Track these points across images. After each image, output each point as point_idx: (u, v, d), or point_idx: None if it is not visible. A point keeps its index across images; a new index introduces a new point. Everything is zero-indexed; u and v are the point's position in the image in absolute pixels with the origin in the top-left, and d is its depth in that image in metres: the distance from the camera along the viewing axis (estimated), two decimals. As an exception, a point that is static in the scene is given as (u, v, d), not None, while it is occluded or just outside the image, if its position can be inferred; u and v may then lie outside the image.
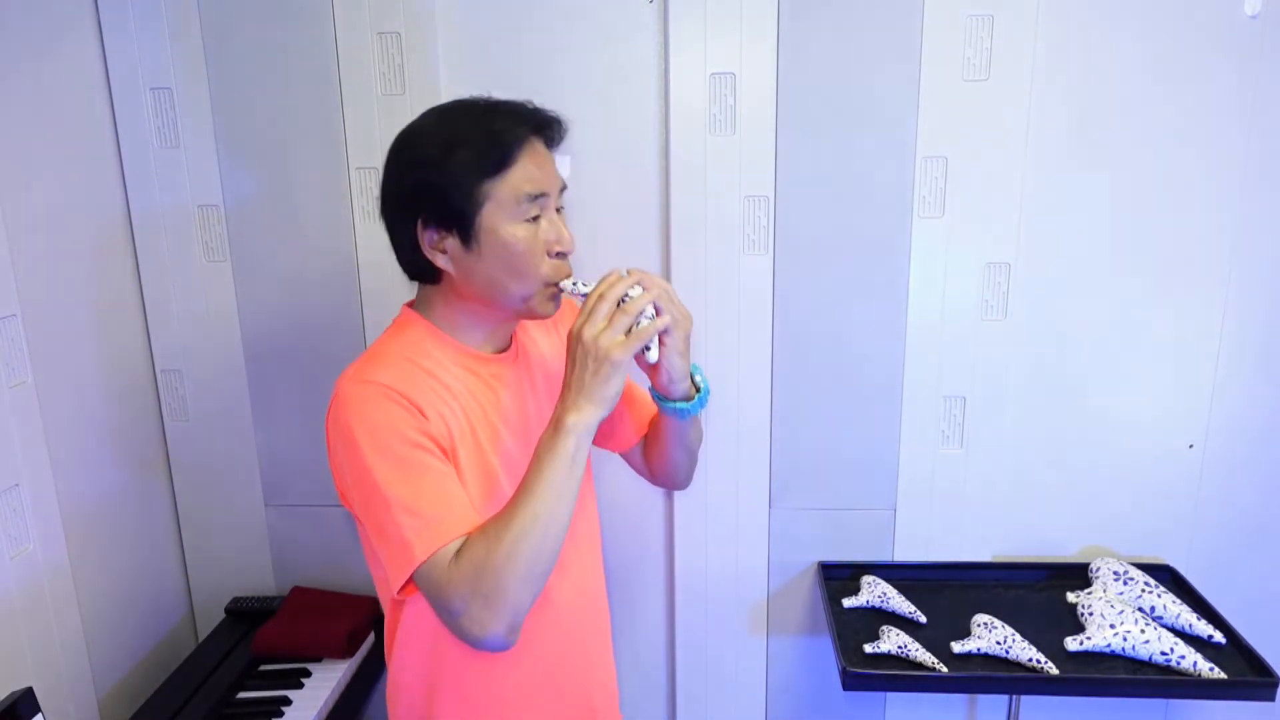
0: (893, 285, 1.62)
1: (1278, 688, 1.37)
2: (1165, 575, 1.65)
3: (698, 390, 1.13)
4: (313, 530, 1.78)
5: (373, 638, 1.69)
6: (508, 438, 1.11)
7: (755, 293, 1.63)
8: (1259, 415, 1.64)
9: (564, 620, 1.15)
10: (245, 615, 1.75)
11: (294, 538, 1.79)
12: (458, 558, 0.96)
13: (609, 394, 0.98)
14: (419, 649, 1.13)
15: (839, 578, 1.71)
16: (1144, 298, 1.61)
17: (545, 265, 1.06)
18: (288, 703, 1.49)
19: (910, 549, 1.73)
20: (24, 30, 1.42)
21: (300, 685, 1.54)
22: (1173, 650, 1.42)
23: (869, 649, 1.48)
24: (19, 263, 1.36)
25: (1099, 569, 1.61)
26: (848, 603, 1.62)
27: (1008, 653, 1.44)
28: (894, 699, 1.80)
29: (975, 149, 1.55)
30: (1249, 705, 1.52)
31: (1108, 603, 1.50)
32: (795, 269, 1.63)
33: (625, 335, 0.98)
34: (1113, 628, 1.45)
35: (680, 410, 1.12)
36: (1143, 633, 1.44)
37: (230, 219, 1.66)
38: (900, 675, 1.44)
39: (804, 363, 1.66)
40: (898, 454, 1.69)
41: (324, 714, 1.49)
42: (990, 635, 1.47)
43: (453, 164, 1.02)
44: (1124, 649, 1.44)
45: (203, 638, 1.73)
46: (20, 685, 1.19)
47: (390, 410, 1.00)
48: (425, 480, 0.99)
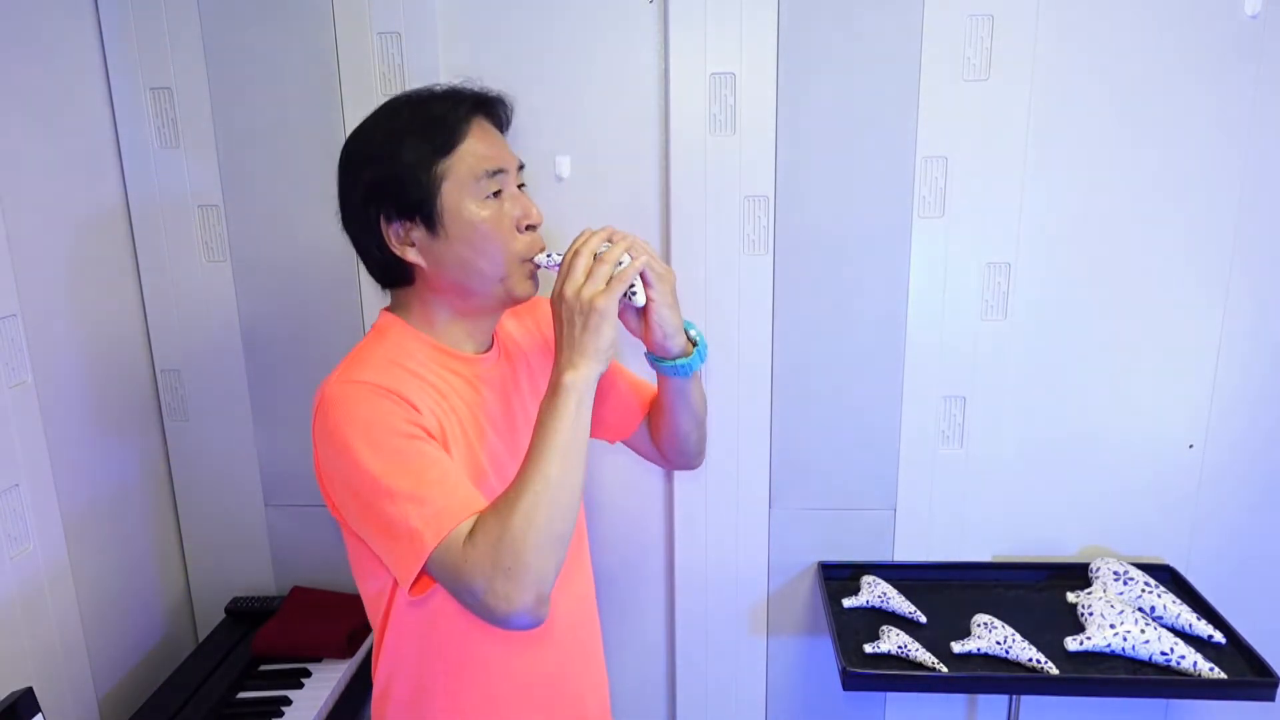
0: (893, 285, 1.62)
1: (1278, 688, 1.37)
2: (1165, 575, 1.65)
3: (694, 345, 1.13)
4: (313, 530, 1.78)
5: (373, 638, 1.69)
6: (494, 437, 1.10)
7: (755, 293, 1.63)
8: (1259, 415, 1.64)
9: (556, 627, 1.13)
10: (245, 615, 1.75)
11: (294, 538, 1.79)
12: (472, 536, 0.92)
13: (602, 345, 0.98)
14: (409, 660, 1.11)
15: (839, 578, 1.71)
16: (1144, 297, 1.61)
17: (516, 241, 1.05)
18: (288, 703, 1.49)
19: (910, 549, 1.73)
20: (24, 30, 1.42)
21: (300, 685, 1.54)
22: (1173, 650, 1.42)
23: (869, 649, 1.48)
24: (19, 263, 1.36)
25: (1099, 569, 1.61)
26: (848, 603, 1.62)
27: (1008, 653, 1.44)
28: (894, 699, 1.80)
29: (975, 149, 1.55)
30: (1249, 705, 1.52)
31: (1108, 603, 1.50)
32: (795, 269, 1.63)
33: (606, 285, 0.98)
34: (1113, 628, 1.45)
35: (680, 366, 1.12)
36: (1143, 633, 1.44)
37: (230, 219, 1.66)
38: (900, 675, 1.44)
39: (804, 363, 1.66)
40: (898, 454, 1.69)
41: (324, 714, 1.49)
42: (990, 635, 1.47)
43: (403, 152, 1.02)
44: (1124, 649, 1.44)
45: (203, 638, 1.73)
46: (20, 685, 1.20)
47: (380, 405, 0.98)
48: (425, 467, 0.96)
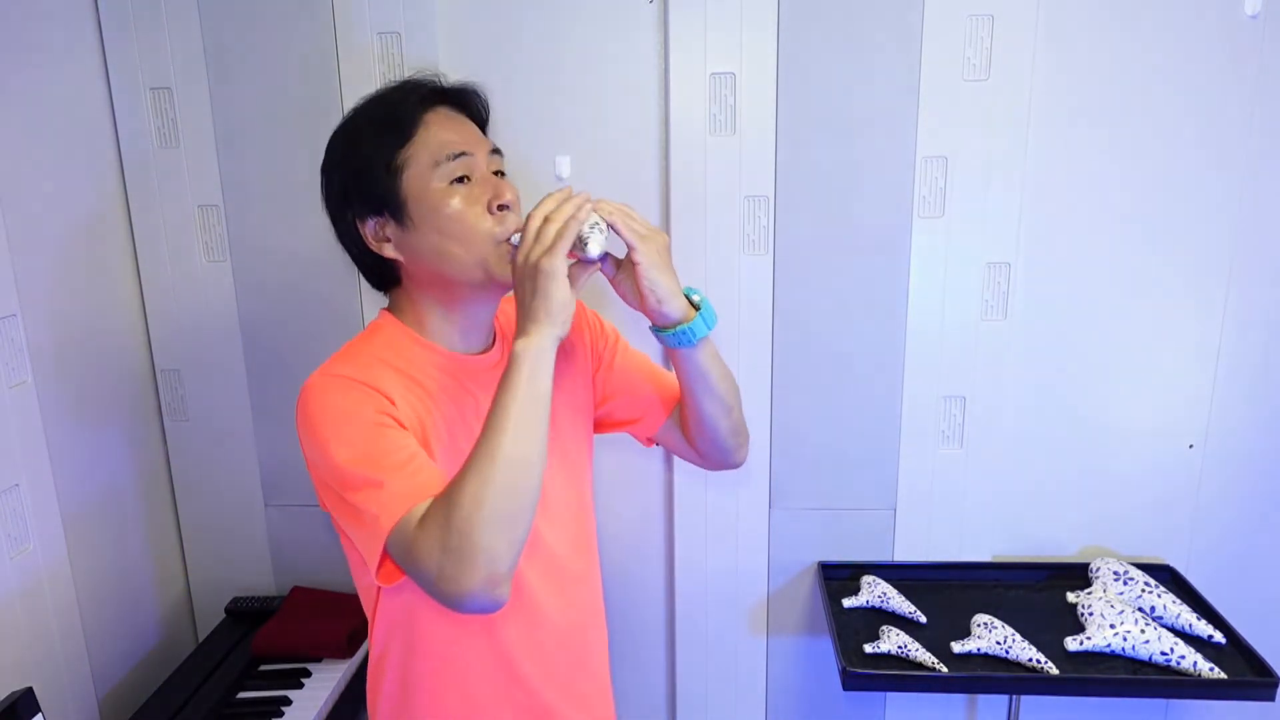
0: (893, 285, 1.62)
1: (1278, 688, 1.37)
2: (1165, 575, 1.65)
3: (697, 310, 1.06)
4: (313, 530, 1.78)
5: (373, 638, 1.70)
6: None
7: (755, 293, 1.63)
8: (1259, 415, 1.64)
9: (547, 632, 1.10)
10: (245, 615, 1.75)
11: (294, 538, 1.79)
12: (423, 518, 0.90)
13: (552, 308, 0.92)
14: (395, 653, 1.10)
15: (839, 578, 1.71)
16: (1144, 297, 1.61)
17: (486, 221, 1.01)
18: (288, 703, 1.49)
19: (910, 549, 1.73)
20: (24, 30, 1.42)
21: (300, 685, 1.54)
22: (1173, 650, 1.42)
23: (869, 649, 1.48)
24: (19, 263, 1.36)
25: (1099, 569, 1.61)
26: (848, 603, 1.62)
27: (1008, 653, 1.44)
28: (894, 699, 1.80)
29: (975, 149, 1.55)
30: (1249, 705, 1.52)
31: (1108, 603, 1.50)
32: (795, 269, 1.63)
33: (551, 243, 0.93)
34: (1113, 628, 1.45)
35: (681, 334, 1.05)
36: (1143, 633, 1.44)
37: (230, 219, 1.66)
38: (900, 675, 1.44)
39: (804, 363, 1.66)
40: (898, 454, 1.69)
41: (324, 714, 1.49)
42: (990, 635, 1.47)
43: (362, 147, 1.03)
44: (1124, 649, 1.44)
45: (203, 638, 1.73)
46: (20, 685, 1.20)
47: (351, 395, 0.98)
48: (387, 452, 0.95)
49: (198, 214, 1.66)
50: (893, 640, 1.48)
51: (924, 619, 1.57)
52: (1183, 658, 1.41)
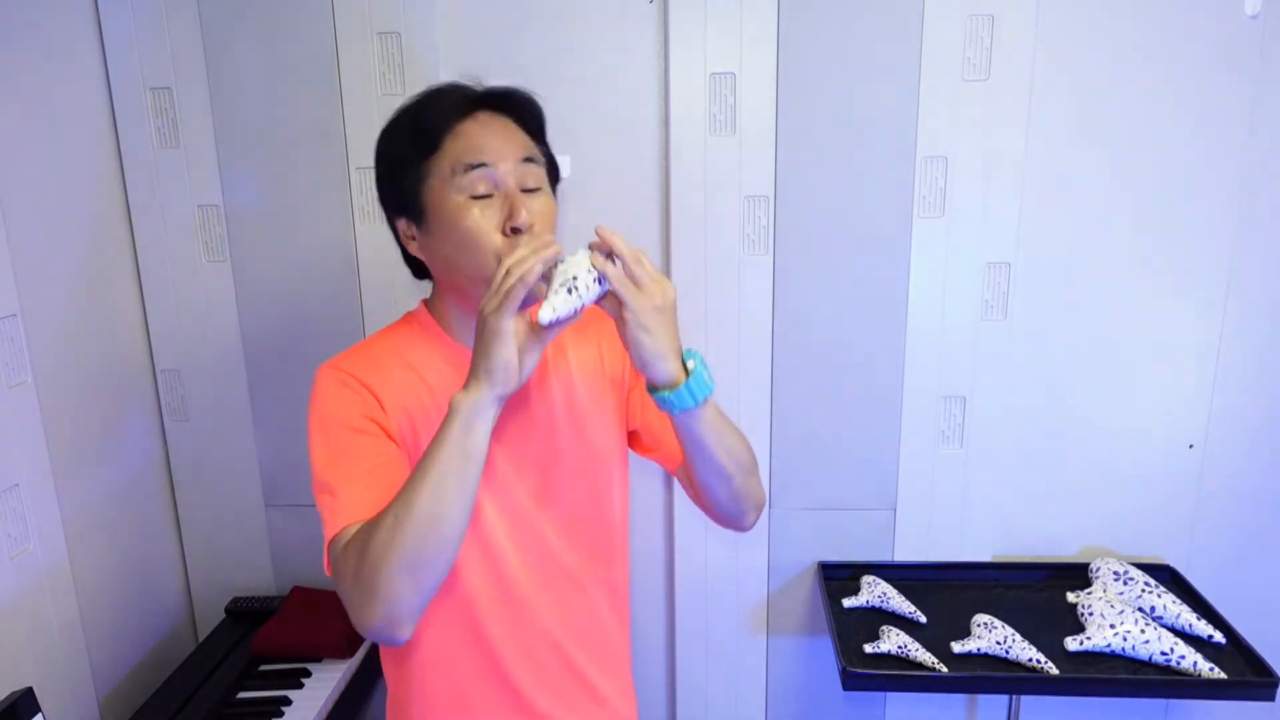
0: (893, 285, 1.62)
1: (1278, 688, 1.37)
2: (1165, 575, 1.65)
3: (688, 375, 0.94)
4: (313, 530, 1.76)
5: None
6: (494, 450, 1.04)
7: (755, 293, 1.63)
8: (1259, 415, 1.64)
9: (537, 644, 1.09)
10: (245, 615, 1.75)
11: (294, 538, 1.79)
12: (350, 541, 0.92)
13: (493, 365, 0.89)
14: (390, 652, 1.12)
15: (839, 578, 1.71)
16: (1144, 297, 1.61)
17: (497, 241, 0.98)
18: (288, 703, 1.49)
19: (910, 549, 1.73)
20: (24, 30, 1.42)
21: (300, 685, 1.54)
22: (1173, 650, 1.42)
23: (869, 649, 1.48)
24: (19, 263, 1.36)
25: (1099, 569, 1.61)
26: (848, 603, 1.62)
27: (1008, 653, 1.44)
28: (894, 699, 1.80)
29: (975, 149, 1.55)
30: (1249, 705, 1.52)
31: (1108, 603, 1.50)
32: (795, 269, 1.63)
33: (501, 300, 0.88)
34: (1113, 628, 1.45)
35: (664, 400, 0.95)
36: (1143, 633, 1.44)
37: (230, 219, 1.66)
38: (900, 675, 1.44)
39: (804, 362, 1.66)
40: (898, 454, 1.69)
41: (324, 714, 1.49)
42: (990, 635, 1.47)
43: (394, 149, 1.05)
44: (1124, 649, 1.44)
45: (203, 638, 1.73)
46: (20, 685, 1.20)
47: (342, 395, 1.02)
48: (352, 463, 0.98)
49: (198, 214, 1.66)
50: (893, 640, 1.48)
51: (924, 619, 1.57)
52: (1183, 658, 1.41)
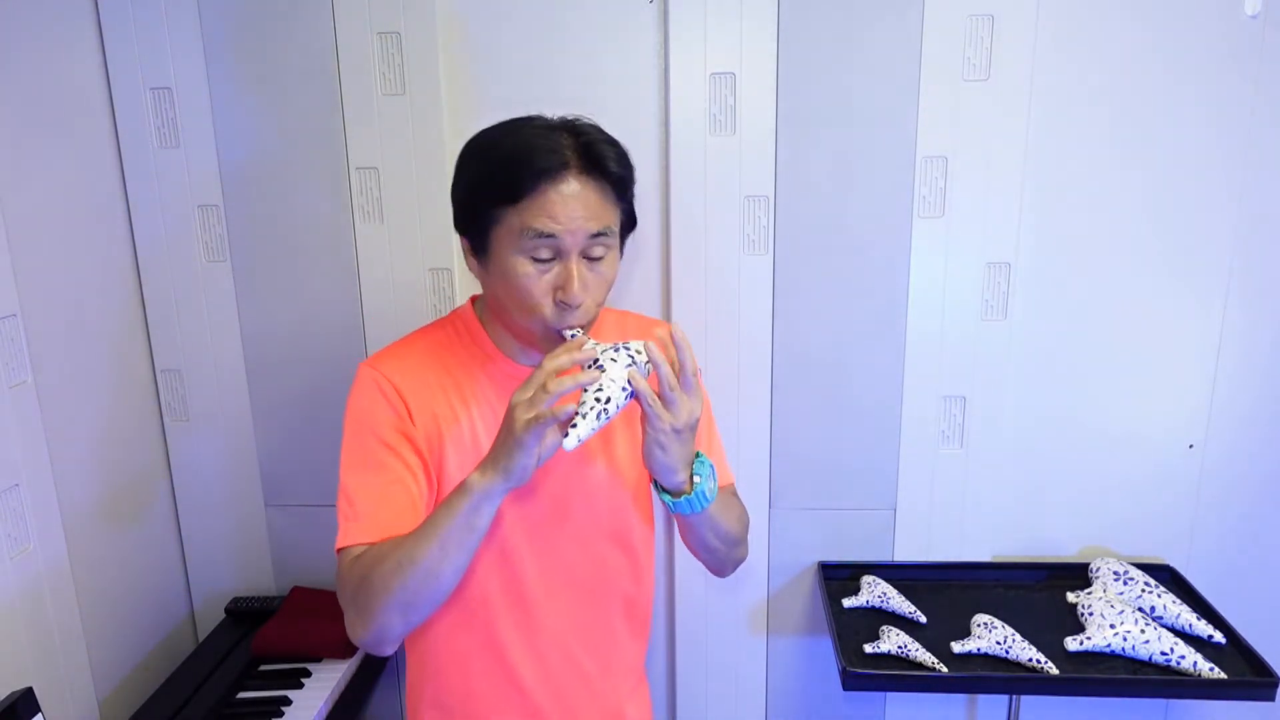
0: (893, 285, 1.62)
1: (1278, 688, 1.37)
2: (1165, 575, 1.65)
3: (693, 487, 1.00)
4: (313, 530, 1.78)
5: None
6: None
7: (755, 293, 1.63)
8: (1259, 415, 1.64)
9: (549, 642, 1.12)
10: (245, 615, 1.75)
11: (294, 538, 1.79)
12: (355, 561, 1.01)
13: (511, 466, 0.92)
14: (407, 644, 1.16)
15: (839, 578, 1.71)
16: (1144, 297, 1.61)
17: (547, 307, 1.01)
18: (288, 703, 1.49)
19: (910, 549, 1.73)
20: (24, 30, 1.42)
21: (300, 685, 1.54)
22: (1173, 650, 1.42)
23: (869, 649, 1.48)
24: (19, 263, 1.36)
25: (1099, 569, 1.61)
26: (848, 603, 1.62)
27: (1008, 653, 1.44)
28: (894, 699, 1.80)
29: (975, 149, 1.55)
30: (1249, 705, 1.52)
31: (1108, 603, 1.50)
32: (795, 269, 1.63)
33: (532, 414, 0.90)
34: (1113, 628, 1.45)
35: (667, 503, 1.02)
36: (1143, 633, 1.44)
37: (230, 219, 1.66)
38: (900, 675, 1.44)
39: (804, 362, 1.66)
40: (898, 454, 1.69)
41: (324, 714, 1.49)
42: (990, 635, 1.47)
43: (477, 177, 1.03)
44: (1124, 649, 1.44)
45: (203, 638, 1.73)
46: (20, 685, 1.20)
47: (376, 402, 1.06)
48: (374, 476, 1.04)
49: (198, 214, 1.66)
50: (893, 640, 1.48)
51: (924, 619, 1.57)
52: (1183, 658, 1.41)
